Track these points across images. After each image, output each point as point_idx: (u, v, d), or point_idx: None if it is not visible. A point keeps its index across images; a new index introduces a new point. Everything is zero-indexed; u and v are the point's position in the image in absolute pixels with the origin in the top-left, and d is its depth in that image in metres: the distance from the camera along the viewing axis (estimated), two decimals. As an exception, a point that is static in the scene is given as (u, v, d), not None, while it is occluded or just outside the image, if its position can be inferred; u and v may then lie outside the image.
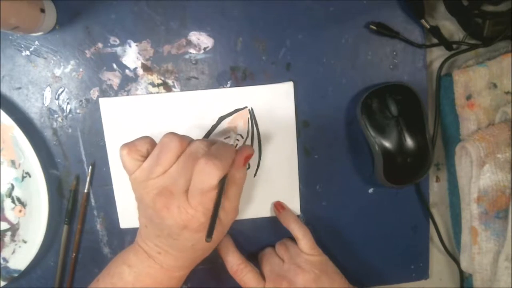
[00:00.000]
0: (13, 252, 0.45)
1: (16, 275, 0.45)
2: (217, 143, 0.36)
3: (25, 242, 0.45)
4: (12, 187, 0.44)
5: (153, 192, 0.34)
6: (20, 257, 0.44)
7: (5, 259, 0.45)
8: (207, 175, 0.32)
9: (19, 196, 0.44)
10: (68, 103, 0.44)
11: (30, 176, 0.44)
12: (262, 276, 0.43)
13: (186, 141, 0.35)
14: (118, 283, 0.37)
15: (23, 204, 0.44)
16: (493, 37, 0.42)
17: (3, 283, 0.45)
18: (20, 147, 0.43)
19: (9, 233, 0.45)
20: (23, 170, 0.44)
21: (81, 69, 0.44)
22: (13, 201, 0.44)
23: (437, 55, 0.46)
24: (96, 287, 0.38)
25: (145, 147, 0.35)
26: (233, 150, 0.36)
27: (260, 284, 0.42)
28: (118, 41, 0.43)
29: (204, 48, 0.44)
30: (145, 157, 0.35)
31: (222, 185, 0.34)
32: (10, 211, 0.45)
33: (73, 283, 0.47)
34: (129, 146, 0.35)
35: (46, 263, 0.46)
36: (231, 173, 0.35)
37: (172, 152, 0.34)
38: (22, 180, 0.44)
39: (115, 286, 0.37)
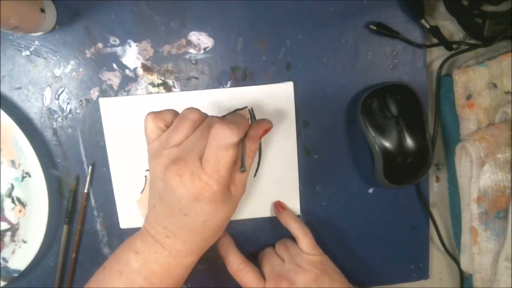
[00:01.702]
0: (13, 252, 0.45)
1: (15, 275, 0.45)
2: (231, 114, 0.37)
3: (25, 242, 0.45)
4: (12, 187, 0.44)
5: (166, 162, 0.33)
6: (20, 257, 0.44)
7: (5, 259, 0.45)
8: (222, 135, 0.31)
9: (19, 196, 0.44)
10: (68, 103, 0.44)
11: (30, 176, 0.44)
12: (263, 276, 0.43)
13: (204, 115, 0.36)
14: (124, 270, 0.36)
15: (23, 204, 0.44)
16: (493, 37, 0.42)
17: (2, 283, 0.45)
18: (20, 147, 0.43)
19: (9, 233, 0.45)
20: (23, 170, 0.44)
21: (81, 69, 0.44)
22: (13, 201, 0.44)
23: (437, 55, 0.46)
24: (102, 274, 0.38)
25: (171, 117, 0.36)
26: (246, 119, 0.37)
27: (260, 284, 0.42)
28: (118, 41, 0.43)
29: (204, 48, 0.44)
30: (169, 127, 0.36)
31: (243, 144, 0.34)
32: (10, 211, 0.45)
33: (73, 283, 0.47)
34: (155, 113, 0.36)
35: (46, 263, 0.46)
36: (246, 143, 0.36)
37: (190, 121, 0.34)
38: (22, 180, 0.44)
39: (121, 273, 0.36)
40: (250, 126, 0.36)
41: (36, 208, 0.44)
